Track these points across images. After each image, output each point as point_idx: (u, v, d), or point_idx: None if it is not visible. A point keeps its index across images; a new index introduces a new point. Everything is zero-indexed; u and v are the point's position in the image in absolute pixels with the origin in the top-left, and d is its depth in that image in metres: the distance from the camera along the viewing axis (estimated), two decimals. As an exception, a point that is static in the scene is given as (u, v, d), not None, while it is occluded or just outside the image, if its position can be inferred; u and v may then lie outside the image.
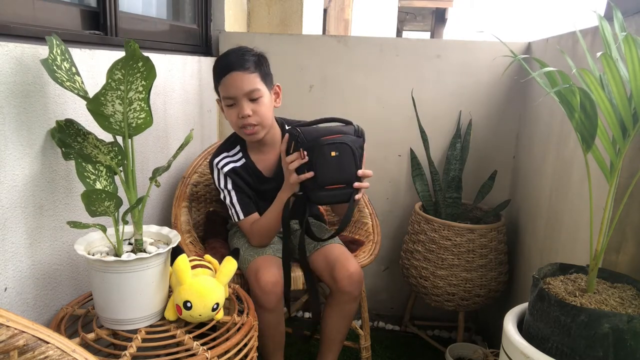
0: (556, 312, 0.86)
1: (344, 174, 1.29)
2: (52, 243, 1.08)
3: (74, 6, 1.25)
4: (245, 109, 1.36)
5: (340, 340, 1.49)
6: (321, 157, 1.26)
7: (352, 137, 1.30)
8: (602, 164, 0.90)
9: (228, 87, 1.37)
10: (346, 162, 1.28)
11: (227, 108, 1.40)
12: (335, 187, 1.30)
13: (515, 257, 1.81)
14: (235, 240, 1.53)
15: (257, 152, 1.50)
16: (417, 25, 9.14)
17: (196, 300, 1.04)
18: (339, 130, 1.31)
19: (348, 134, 1.30)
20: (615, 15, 0.88)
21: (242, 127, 1.39)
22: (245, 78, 1.35)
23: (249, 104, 1.37)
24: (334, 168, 1.28)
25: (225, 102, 1.40)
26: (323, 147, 1.26)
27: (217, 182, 1.47)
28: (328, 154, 1.26)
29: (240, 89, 1.35)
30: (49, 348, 0.63)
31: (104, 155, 1.03)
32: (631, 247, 1.01)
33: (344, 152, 1.27)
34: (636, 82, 0.79)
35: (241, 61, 1.36)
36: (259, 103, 1.37)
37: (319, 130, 1.31)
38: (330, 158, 1.27)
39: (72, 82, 0.97)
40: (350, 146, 1.28)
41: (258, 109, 1.37)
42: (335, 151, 1.27)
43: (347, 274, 1.38)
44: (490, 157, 1.93)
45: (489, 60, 1.84)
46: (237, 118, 1.38)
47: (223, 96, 1.40)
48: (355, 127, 1.33)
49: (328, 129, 1.31)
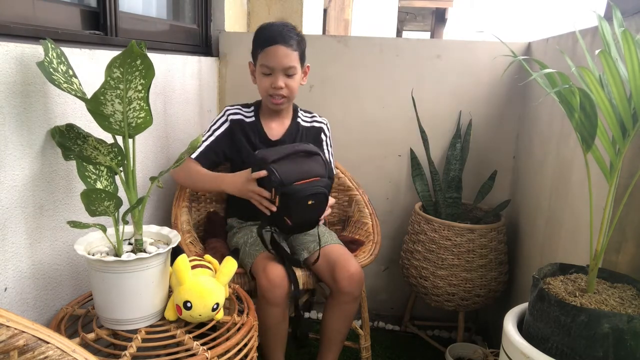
0: (556, 312, 0.86)
1: (315, 216, 1.36)
2: (52, 243, 1.08)
3: (74, 6, 1.24)
4: (280, 82, 1.46)
5: (340, 341, 1.49)
6: (299, 206, 1.29)
7: (325, 180, 1.33)
8: (602, 164, 0.90)
9: (269, 58, 1.45)
10: (320, 208, 1.34)
11: (261, 75, 1.49)
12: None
13: (515, 257, 1.81)
14: (234, 240, 1.53)
15: (267, 118, 1.58)
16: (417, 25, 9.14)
17: (196, 300, 1.04)
18: (314, 171, 1.32)
19: (322, 175, 1.33)
20: (615, 15, 0.88)
21: (270, 96, 1.49)
22: (288, 54, 1.45)
23: (284, 78, 1.47)
24: (308, 214, 1.33)
25: (261, 69, 1.48)
26: (302, 199, 1.28)
27: (213, 122, 1.55)
28: (305, 202, 1.29)
29: (280, 63, 1.44)
30: (49, 348, 0.63)
31: (104, 156, 1.03)
32: (631, 247, 1.01)
33: (320, 200, 1.32)
34: (636, 82, 0.79)
35: (287, 37, 1.45)
36: (292, 79, 1.48)
37: (294, 170, 1.30)
38: (306, 207, 1.30)
39: (70, 84, 0.97)
40: (326, 194, 1.33)
41: (290, 84, 1.48)
42: (312, 200, 1.30)
43: (347, 275, 1.38)
44: (490, 157, 1.93)
45: (489, 60, 1.84)
46: (270, 87, 1.48)
47: (261, 64, 1.47)
48: (324, 161, 1.36)
49: (302, 170, 1.31)
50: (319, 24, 3.53)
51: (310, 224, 1.39)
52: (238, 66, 1.98)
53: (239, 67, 1.98)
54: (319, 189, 1.31)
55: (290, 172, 1.29)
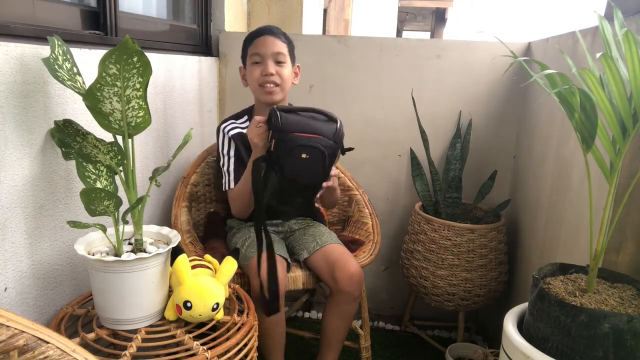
0: (556, 312, 0.86)
1: (310, 177, 1.29)
2: (52, 243, 1.08)
3: (74, 6, 1.24)
4: (270, 68, 1.46)
5: (340, 340, 1.49)
6: (291, 157, 1.24)
7: (328, 141, 1.27)
8: (602, 164, 0.90)
9: (258, 46, 1.48)
10: (315, 167, 1.27)
11: (251, 66, 1.49)
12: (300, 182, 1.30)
13: (515, 257, 1.81)
14: (234, 240, 1.53)
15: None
16: (417, 25, 9.13)
17: (196, 300, 1.04)
18: (318, 129, 1.27)
19: (327, 136, 1.27)
20: (616, 15, 0.88)
21: (262, 85, 1.48)
22: (276, 42, 1.48)
23: (274, 65, 1.47)
24: (301, 169, 1.26)
25: (251, 59, 1.49)
26: (294, 149, 1.24)
27: (221, 148, 1.53)
28: (299, 155, 1.24)
29: (270, 48, 1.47)
30: (49, 348, 0.63)
31: (103, 155, 1.03)
32: (631, 247, 1.01)
33: (314, 156, 1.26)
34: (636, 82, 0.79)
35: (275, 30, 1.50)
36: (282, 67, 1.49)
37: (300, 122, 1.26)
38: (299, 160, 1.24)
39: (74, 82, 0.97)
40: (322, 152, 1.26)
41: (281, 72, 1.48)
42: (307, 154, 1.24)
43: (347, 274, 1.38)
44: (490, 157, 1.93)
45: (489, 60, 1.84)
46: (260, 75, 1.47)
47: (251, 53, 1.49)
48: (337, 129, 1.29)
49: (308, 125, 1.26)
50: (319, 24, 3.53)
51: (304, 187, 1.32)
52: (238, 66, 1.98)
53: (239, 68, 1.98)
54: (316, 144, 1.25)
55: (295, 122, 1.25)
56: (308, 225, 1.60)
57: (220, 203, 1.75)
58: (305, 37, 2.07)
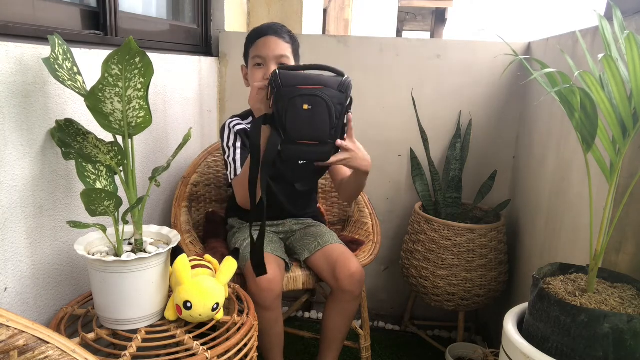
0: (556, 312, 0.86)
1: (316, 131, 1.17)
2: (52, 243, 1.08)
3: (74, 6, 1.24)
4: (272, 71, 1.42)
5: (340, 340, 1.49)
6: (291, 109, 1.14)
7: (332, 91, 1.16)
8: (602, 164, 0.90)
9: (261, 48, 1.43)
10: (319, 118, 1.16)
11: (253, 68, 1.45)
12: (307, 143, 1.18)
13: (515, 257, 1.81)
14: (234, 240, 1.53)
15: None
16: (417, 25, 9.13)
17: (196, 300, 1.04)
18: (321, 80, 1.17)
19: (330, 86, 1.17)
20: (615, 14, 0.88)
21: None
22: (280, 43, 1.43)
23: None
24: (304, 122, 1.15)
25: (253, 61, 1.45)
26: (295, 99, 1.14)
27: (226, 141, 1.49)
28: (300, 106, 1.14)
29: (272, 51, 1.41)
30: (49, 348, 0.63)
31: (103, 155, 1.03)
32: (631, 247, 1.01)
33: (317, 106, 1.15)
34: (636, 82, 0.79)
35: (279, 30, 1.45)
36: None
37: (301, 77, 1.17)
38: (301, 111, 1.14)
39: (74, 82, 0.97)
40: (326, 101, 1.15)
41: None
42: (308, 104, 1.14)
43: (348, 273, 1.38)
44: (490, 157, 1.93)
45: (489, 60, 1.84)
46: (262, 78, 1.42)
47: (253, 55, 1.44)
48: (342, 81, 1.19)
49: (311, 78, 1.17)
50: (319, 24, 3.53)
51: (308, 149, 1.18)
52: (238, 66, 1.98)
53: (239, 67, 1.98)
54: (318, 93, 1.14)
55: (296, 76, 1.17)
56: (309, 225, 1.60)
57: (220, 203, 1.75)
58: (305, 37, 2.06)
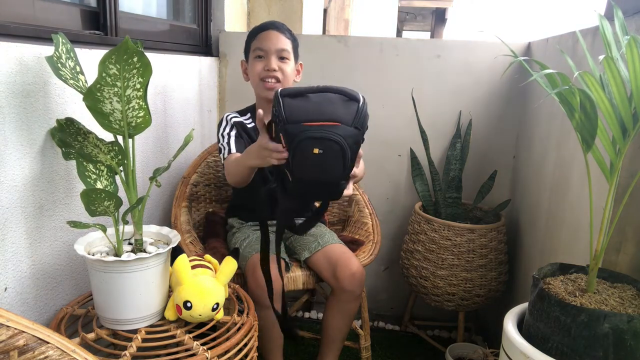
0: (556, 312, 0.86)
1: (327, 176, 1.00)
2: (52, 243, 1.08)
3: (74, 6, 1.24)
4: (273, 63, 1.46)
5: (341, 340, 1.49)
6: (299, 152, 0.97)
7: (347, 129, 0.97)
8: (602, 164, 0.90)
9: (262, 40, 1.47)
10: (331, 164, 0.98)
11: (254, 60, 1.48)
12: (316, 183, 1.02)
13: (515, 257, 1.81)
14: (234, 240, 1.53)
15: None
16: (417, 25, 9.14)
17: (196, 300, 1.04)
18: (333, 115, 0.98)
19: (345, 122, 0.98)
20: (616, 14, 0.88)
21: (263, 80, 1.47)
22: (281, 38, 1.47)
23: (277, 61, 1.47)
24: (313, 167, 0.98)
25: (254, 53, 1.48)
26: (303, 142, 0.96)
27: (222, 131, 1.49)
28: (309, 150, 0.96)
29: (274, 44, 1.46)
30: (49, 348, 0.63)
31: (104, 154, 1.03)
32: (631, 247, 1.01)
33: (330, 151, 0.96)
34: (637, 82, 0.79)
35: (280, 27, 1.50)
36: (285, 63, 1.48)
37: (309, 108, 0.99)
38: (310, 155, 0.96)
39: (76, 81, 0.97)
40: (340, 144, 0.96)
41: (283, 68, 1.47)
42: (319, 148, 0.95)
43: (349, 273, 1.38)
44: (490, 157, 1.93)
45: (489, 60, 1.84)
46: (262, 70, 1.47)
47: (254, 48, 1.48)
48: (358, 109, 0.99)
49: (320, 110, 0.98)
50: (319, 24, 3.53)
51: (317, 190, 1.05)
52: (238, 66, 1.97)
53: (239, 67, 1.98)
54: (331, 135, 0.95)
55: (303, 108, 0.98)
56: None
57: (220, 203, 1.75)
58: (305, 37, 2.06)
